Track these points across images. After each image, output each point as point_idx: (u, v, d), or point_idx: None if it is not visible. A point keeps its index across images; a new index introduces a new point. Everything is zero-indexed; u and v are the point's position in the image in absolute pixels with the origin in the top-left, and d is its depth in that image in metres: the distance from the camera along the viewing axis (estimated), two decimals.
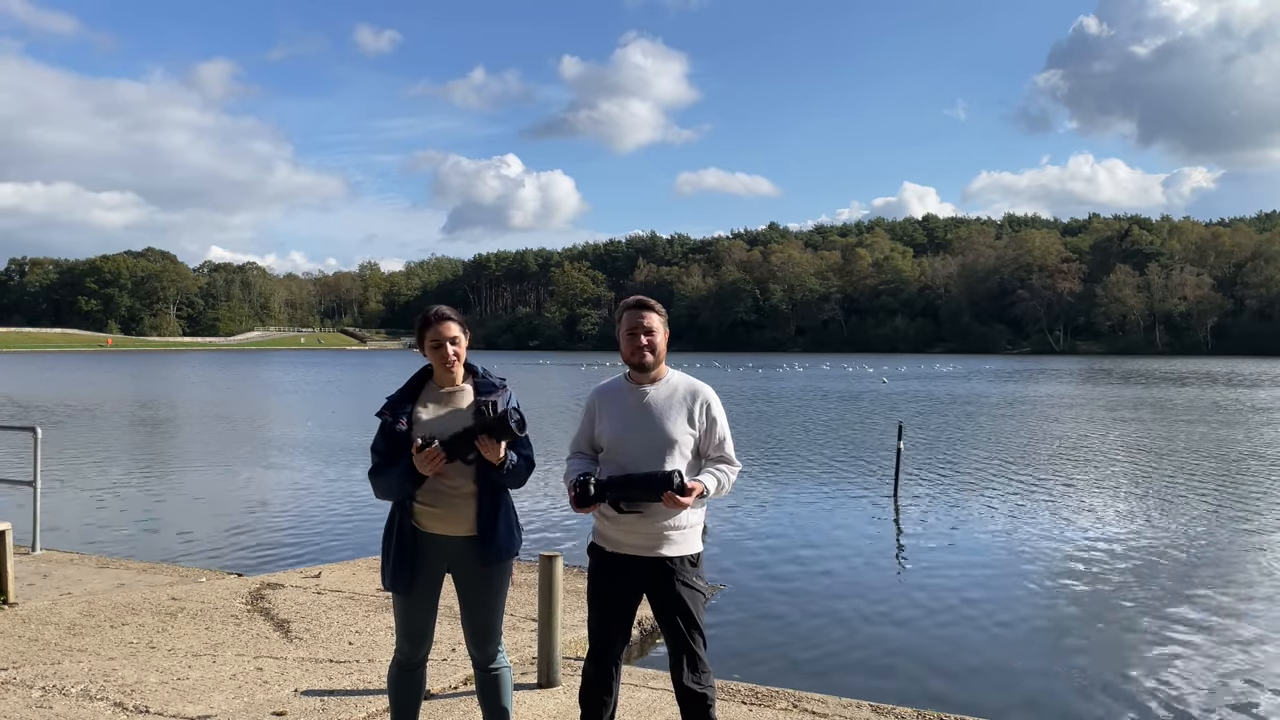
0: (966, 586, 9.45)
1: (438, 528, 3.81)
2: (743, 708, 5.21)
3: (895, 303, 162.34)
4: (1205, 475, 17.30)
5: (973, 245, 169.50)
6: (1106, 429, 26.53)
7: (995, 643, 7.71)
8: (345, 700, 5.15)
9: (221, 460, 19.45)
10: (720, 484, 3.80)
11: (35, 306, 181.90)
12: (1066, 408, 35.25)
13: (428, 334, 3.86)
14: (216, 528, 12.43)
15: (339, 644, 6.23)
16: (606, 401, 3.96)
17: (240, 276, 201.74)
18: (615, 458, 3.84)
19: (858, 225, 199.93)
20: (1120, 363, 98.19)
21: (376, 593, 7.53)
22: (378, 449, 3.86)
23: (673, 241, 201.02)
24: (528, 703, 5.16)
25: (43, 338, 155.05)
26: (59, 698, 5.13)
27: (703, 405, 3.86)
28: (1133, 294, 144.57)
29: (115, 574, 8.43)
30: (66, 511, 13.22)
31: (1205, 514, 13.47)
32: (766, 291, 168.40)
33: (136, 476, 17.11)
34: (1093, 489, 15.79)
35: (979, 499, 14.80)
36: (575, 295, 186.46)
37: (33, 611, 6.88)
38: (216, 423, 28.85)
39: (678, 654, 3.80)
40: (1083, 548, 11.23)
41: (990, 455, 20.34)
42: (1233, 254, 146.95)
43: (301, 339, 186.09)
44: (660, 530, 3.76)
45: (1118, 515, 13.40)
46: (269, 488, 15.99)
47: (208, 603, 7.19)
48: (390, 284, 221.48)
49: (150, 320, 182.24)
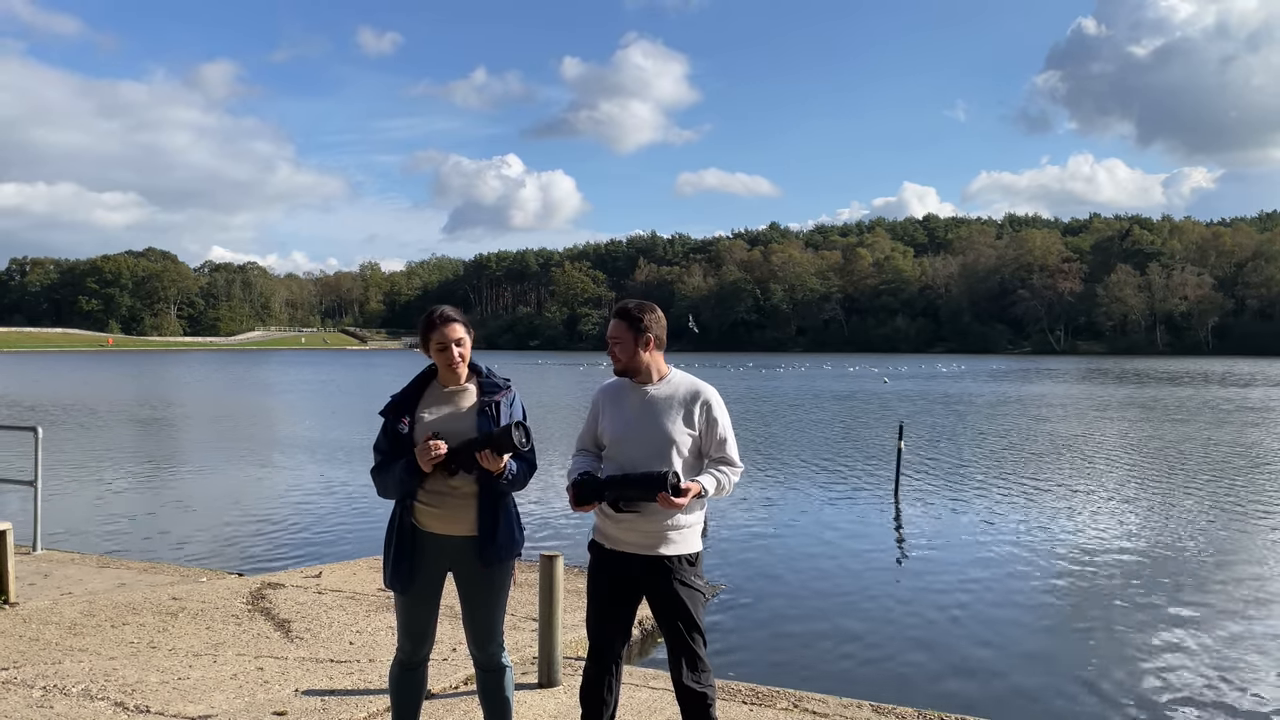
0: (967, 586, 9.44)
1: (439, 527, 3.81)
2: (743, 707, 5.21)
3: (896, 303, 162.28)
4: (1205, 475, 17.29)
5: (973, 245, 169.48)
6: (1107, 429, 26.52)
7: (996, 643, 7.71)
8: (346, 700, 5.15)
9: (222, 460, 19.46)
10: (720, 484, 3.79)
11: (36, 306, 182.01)
12: (1066, 407, 35.24)
13: (433, 336, 3.84)
14: (217, 527, 12.44)
15: (340, 644, 6.23)
16: (610, 400, 3.97)
17: (241, 276, 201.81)
18: (615, 457, 3.85)
19: (858, 225, 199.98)
20: (1121, 363, 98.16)
21: (377, 592, 7.53)
22: (380, 448, 3.85)
23: (673, 241, 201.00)
24: (528, 702, 5.16)
25: (44, 338, 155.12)
26: (60, 697, 5.13)
27: (703, 405, 3.86)
28: (1134, 294, 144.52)
29: (116, 574, 8.43)
30: (67, 511, 13.23)
31: (1205, 514, 13.46)
32: (767, 291, 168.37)
33: (137, 476, 17.12)
34: (1094, 489, 15.79)
35: (980, 499, 14.80)
36: (576, 295, 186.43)
37: (34, 611, 6.88)
38: (217, 422, 28.86)
39: (677, 654, 3.81)
40: (1083, 547, 11.23)
41: (991, 455, 20.33)
42: (1234, 254, 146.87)
43: (303, 339, 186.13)
44: (659, 529, 3.76)
45: (1118, 515, 13.39)
46: (270, 487, 16.00)
47: (208, 602, 7.19)
48: (391, 284, 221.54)
49: (151, 320, 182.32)
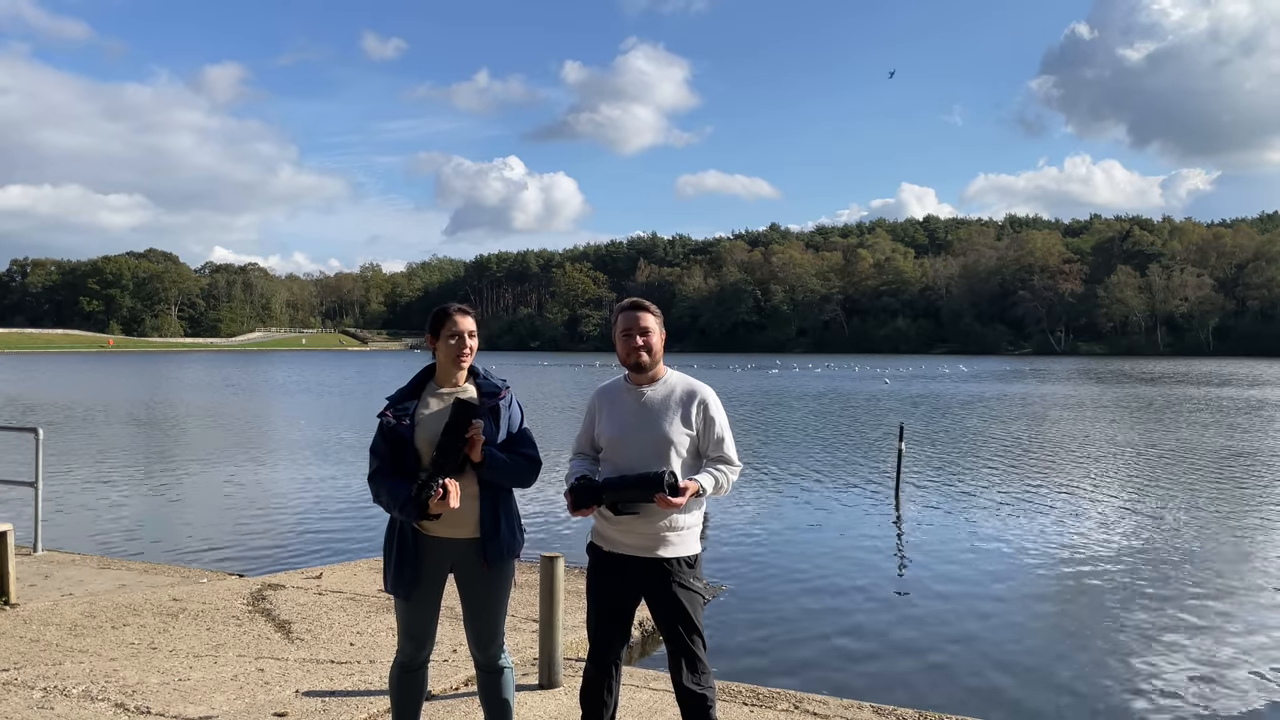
0: (968, 588, 9.44)
1: (441, 530, 3.80)
2: (744, 709, 5.21)
3: (897, 303, 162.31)
4: (1205, 475, 17.28)
5: (974, 246, 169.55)
6: (1107, 429, 26.50)
7: (997, 644, 7.70)
8: (346, 701, 5.15)
9: (223, 461, 19.46)
10: (718, 483, 3.79)
11: (37, 307, 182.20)
12: (1067, 408, 35.23)
13: (445, 325, 3.85)
14: (218, 528, 12.44)
15: (340, 645, 6.23)
16: (606, 402, 3.96)
17: (242, 277, 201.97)
18: (613, 458, 3.85)
19: (859, 226, 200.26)
20: (1121, 363, 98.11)
21: (378, 593, 7.53)
22: (377, 451, 3.84)
23: (674, 242, 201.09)
24: (529, 704, 5.16)
25: (45, 338, 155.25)
26: (60, 698, 5.13)
27: (700, 405, 3.86)
28: (1134, 295, 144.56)
29: (117, 575, 8.43)
30: (68, 512, 13.23)
31: (1205, 514, 13.45)
32: (768, 292, 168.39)
33: (138, 477, 17.12)
34: (1094, 489, 15.77)
35: (981, 500, 14.79)
36: (577, 296, 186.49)
37: (34, 612, 6.88)
38: (217, 423, 28.86)
39: (677, 655, 3.80)
40: (1085, 549, 11.22)
41: (992, 456, 20.32)
42: (1234, 255, 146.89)
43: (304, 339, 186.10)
44: (658, 531, 3.76)
45: (1119, 515, 13.38)
46: (270, 488, 15.99)
47: (209, 603, 7.19)
48: (392, 285, 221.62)
49: (152, 321, 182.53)
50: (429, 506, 3.62)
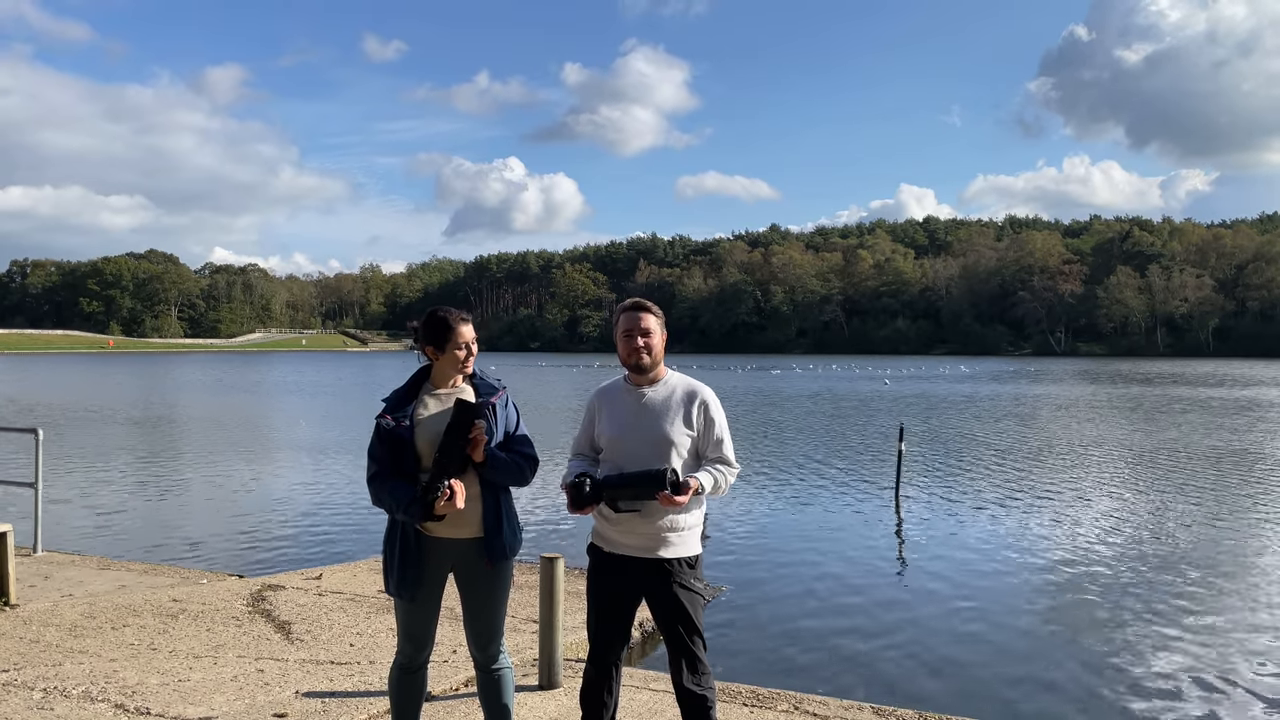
0: (968, 588, 9.44)
1: (443, 531, 3.79)
2: (744, 710, 5.21)
3: (897, 304, 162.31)
4: (1205, 476, 17.28)
5: (974, 247, 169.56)
6: (1107, 430, 26.50)
7: (998, 645, 7.70)
8: (346, 702, 5.15)
9: (222, 461, 19.45)
10: (717, 483, 3.79)
11: (37, 308, 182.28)
12: (1067, 409, 35.22)
13: (451, 337, 3.83)
14: (218, 529, 12.44)
15: (340, 645, 6.23)
16: (606, 402, 3.96)
17: (241, 278, 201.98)
18: (613, 458, 3.84)
19: (859, 227, 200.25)
20: (1122, 364, 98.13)
21: (378, 594, 7.52)
22: (375, 455, 3.83)
23: (674, 243, 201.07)
24: (529, 704, 5.16)
25: (44, 339, 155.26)
26: (60, 699, 5.13)
27: (700, 406, 3.86)
28: (1134, 295, 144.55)
29: (116, 575, 8.43)
30: (68, 513, 13.23)
31: (1205, 515, 13.44)
32: (768, 293, 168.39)
33: (138, 478, 17.11)
34: (1095, 490, 15.77)
35: (982, 500, 14.79)
36: (577, 297, 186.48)
37: (34, 613, 6.88)
38: (217, 424, 28.85)
39: (677, 656, 3.80)
40: (1086, 549, 11.22)
41: (993, 456, 20.32)
42: (1234, 256, 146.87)
43: (304, 340, 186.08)
44: (658, 531, 3.76)
45: (1120, 515, 13.38)
46: (270, 489, 15.99)
47: (209, 604, 7.19)
48: (392, 285, 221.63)
49: (151, 322, 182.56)
50: (434, 508, 3.61)
